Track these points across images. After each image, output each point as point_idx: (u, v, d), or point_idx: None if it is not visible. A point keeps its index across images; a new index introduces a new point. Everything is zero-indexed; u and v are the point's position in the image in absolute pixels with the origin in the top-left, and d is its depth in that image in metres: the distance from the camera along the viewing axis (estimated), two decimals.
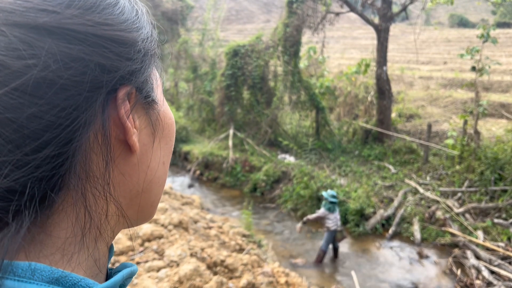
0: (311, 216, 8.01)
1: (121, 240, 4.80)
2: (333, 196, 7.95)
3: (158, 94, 0.52)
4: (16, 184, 0.38)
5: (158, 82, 0.53)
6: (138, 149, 0.47)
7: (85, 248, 0.44)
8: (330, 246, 8.15)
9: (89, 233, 0.44)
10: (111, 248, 0.52)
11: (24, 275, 0.38)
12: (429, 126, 12.84)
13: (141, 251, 4.77)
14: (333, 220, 7.86)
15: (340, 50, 30.56)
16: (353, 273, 7.05)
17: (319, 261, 7.98)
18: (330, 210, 7.85)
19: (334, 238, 8.02)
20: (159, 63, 0.55)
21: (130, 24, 0.46)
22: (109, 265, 0.51)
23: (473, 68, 11.17)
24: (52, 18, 0.39)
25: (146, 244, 4.89)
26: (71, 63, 0.39)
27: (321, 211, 7.89)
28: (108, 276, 0.50)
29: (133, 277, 0.49)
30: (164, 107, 0.53)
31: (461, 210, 9.36)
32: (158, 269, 4.27)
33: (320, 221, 8.12)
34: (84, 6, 0.42)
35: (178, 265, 4.35)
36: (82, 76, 0.40)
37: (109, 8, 0.44)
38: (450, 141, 12.15)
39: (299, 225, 8.19)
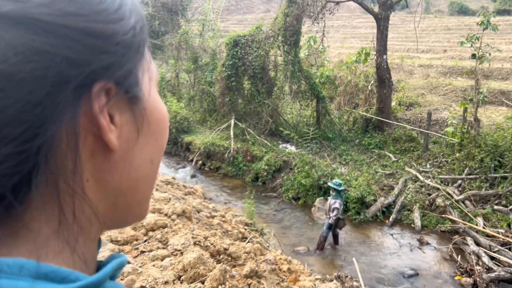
0: (333, 217, 7.96)
1: (126, 229, 4.88)
2: (339, 184, 8.08)
3: (146, 88, 0.49)
4: None
5: (149, 75, 0.50)
6: (116, 146, 0.44)
7: (68, 244, 0.42)
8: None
9: (69, 229, 0.42)
10: (98, 242, 0.51)
11: (10, 272, 0.36)
12: (429, 114, 12.88)
13: (145, 241, 4.85)
14: (340, 208, 8.03)
15: (340, 39, 30.45)
16: (354, 260, 7.15)
17: (321, 248, 8.10)
18: (342, 199, 8.04)
19: (335, 226, 8.12)
20: (149, 55, 0.51)
21: (108, 15, 0.43)
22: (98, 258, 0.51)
23: (473, 56, 11.17)
24: (18, 6, 0.37)
25: (150, 233, 4.97)
26: (33, 56, 0.37)
27: (338, 202, 7.95)
28: (98, 269, 0.49)
29: (123, 267, 0.48)
30: (154, 102, 0.50)
31: (461, 197, 9.44)
32: (163, 258, 4.34)
33: (326, 210, 8.24)
34: None
35: (182, 253, 4.42)
36: (45, 70, 0.37)
37: None
38: (450, 129, 12.20)
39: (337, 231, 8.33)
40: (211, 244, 4.88)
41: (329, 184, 8.35)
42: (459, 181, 10.37)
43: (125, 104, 0.46)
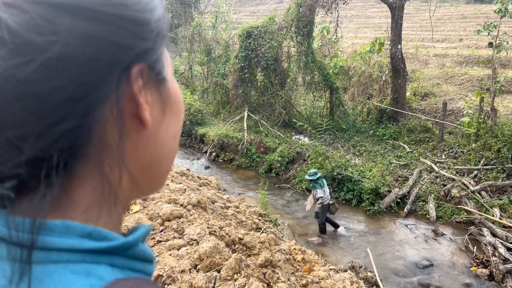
0: (318, 205, 8.27)
1: (142, 220, 4.96)
2: (313, 174, 8.28)
3: (168, 72, 0.54)
4: (41, 153, 0.41)
5: (168, 62, 0.55)
6: (149, 123, 0.49)
7: (105, 212, 0.48)
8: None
9: (107, 198, 0.47)
10: None
11: (59, 231, 0.42)
12: (445, 104, 12.72)
13: (162, 231, 4.92)
14: (324, 195, 8.22)
15: (354, 29, 30.13)
16: (368, 250, 7.15)
17: (323, 232, 8.44)
18: (321, 187, 8.22)
19: (328, 211, 8.40)
20: (169, 44, 0.56)
21: (145, 5, 0.47)
22: None
23: (490, 44, 10.98)
24: None
25: (166, 223, 5.03)
26: (88, 40, 0.41)
27: (318, 193, 8.20)
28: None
29: (148, 235, 0.53)
30: (174, 85, 0.55)
31: (477, 188, 9.35)
32: (179, 247, 4.40)
33: (313, 200, 8.44)
34: None
35: (198, 243, 4.48)
36: (99, 53, 0.42)
37: None
38: (466, 119, 12.05)
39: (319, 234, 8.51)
40: (226, 234, 4.93)
41: (306, 177, 8.62)
42: (475, 172, 10.26)
43: (155, 86, 0.51)
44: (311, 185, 8.46)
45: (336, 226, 8.62)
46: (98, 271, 0.43)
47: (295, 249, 5.46)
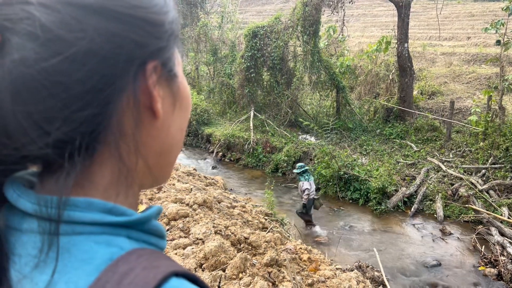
0: (304, 197, 8.36)
1: None
2: (299, 167, 8.44)
3: (179, 70, 0.59)
4: (65, 136, 0.46)
5: (179, 60, 0.60)
6: (161, 115, 0.54)
7: (122, 192, 0.54)
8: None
9: (124, 180, 0.53)
10: None
11: (82, 207, 0.48)
12: (452, 103, 12.64)
13: (167, 230, 4.93)
14: (311, 188, 8.32)
15: (360, 28, 30.01)
16: (375, 249, 7.12)
17: (311, 223, 8.61)
18: (307, 179, 8.35)
19: (312, 206, 8.49)
20: (180, 44, 0.61)
21: (160, 8, 0.53)
22: None
23: (498, 42, 10.89)
24: (97, 0, 0.47)
25: (172, 222, 5.05)
26: (111, 38, 0.47)
27: (304, 185, 8.31)
28: None
29: (160, 214, 0.60)
30: (183, 82, 0.61)
31: (485, 187, 9.27)
32: (185, 247, 4.41)
33: (300, 193, 8.53)
34: None
35: (203, 242, 4.49)
36: (119, 49, 0.47)
37: None
38: (473, 118, 11.95)
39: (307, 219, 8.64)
40: (232, 233, 4.93)
41: (294, 170, 8.77)
42: (483, 171, 10.17)
43: (166, 82, 0.56)
44: (297, 178, 8.63)
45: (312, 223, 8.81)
46: (117, 242, 0.49)
47: (301, 248, 5.45)
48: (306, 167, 8.51)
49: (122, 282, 0.44)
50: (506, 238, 7.43)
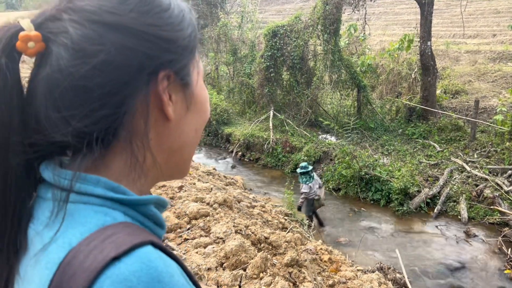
0: (300, 200, 8.31)
1: (170, 218, 5.01)
2: (303, 167, 8.29)
3: (195, 78, 0.68)
4: (85, 129, 0.56)
5: (199, 70, 0.70)
6: (171, 116, 0.63)
7: (131, 180, 0.62)
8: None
9: (133, 171, 0.62)
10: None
11: (92, 182, 0.57)
12: (477, 102, 12.35)
13: (188, 229, 4.95)
14: (310, 191, 8.22)
15: (382, 26, 29.63)
16: (397, 251, 7.01)
17: (312, 220, 8.42)
18: (305, 182, 8.26)
19: (312, 206, 8.41)
20: (198, 56, 0.70)
21: (174, 26, 0.62)
22: None
23: None
24: (117, 18, 0.56)
25: (193, 221, 5.06)
26: (125, 51, 0.56)
27: (304, 188, 8.24)
28: None
29: (166, 206, 0.67)
30: (200, 89, 0.70)
31: (511, 188, 9.03)
32: (205, 245, 4.42)
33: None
34: (142, 11, 0.59)
35: (224, 241, 4.49)
36: (132, 60, 0.56)
37: (160, 13, 0.61)
38: (499, 117, 11.65)
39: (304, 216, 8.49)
40: (252, 232, 4.92)
41: (297, 170, 8.65)
42: (509, 172, 9.91)
43: (180, 88, 0.65)
44: (299, 177, 8.50)
45: (321, 224, 8.75)
46: (113, 214, 0.57)
47: (321, 249, 5.41)
48: (309, 168, 8.36)
49: (105, 241, 0.52)
50: None
